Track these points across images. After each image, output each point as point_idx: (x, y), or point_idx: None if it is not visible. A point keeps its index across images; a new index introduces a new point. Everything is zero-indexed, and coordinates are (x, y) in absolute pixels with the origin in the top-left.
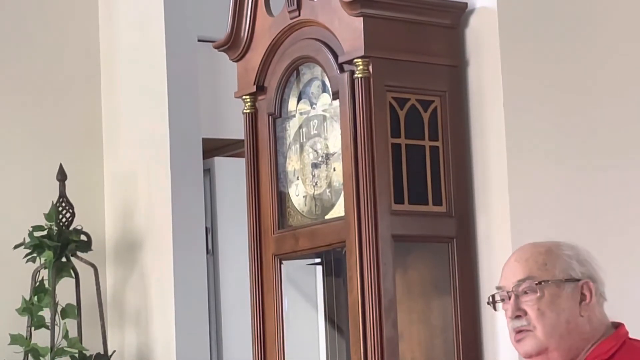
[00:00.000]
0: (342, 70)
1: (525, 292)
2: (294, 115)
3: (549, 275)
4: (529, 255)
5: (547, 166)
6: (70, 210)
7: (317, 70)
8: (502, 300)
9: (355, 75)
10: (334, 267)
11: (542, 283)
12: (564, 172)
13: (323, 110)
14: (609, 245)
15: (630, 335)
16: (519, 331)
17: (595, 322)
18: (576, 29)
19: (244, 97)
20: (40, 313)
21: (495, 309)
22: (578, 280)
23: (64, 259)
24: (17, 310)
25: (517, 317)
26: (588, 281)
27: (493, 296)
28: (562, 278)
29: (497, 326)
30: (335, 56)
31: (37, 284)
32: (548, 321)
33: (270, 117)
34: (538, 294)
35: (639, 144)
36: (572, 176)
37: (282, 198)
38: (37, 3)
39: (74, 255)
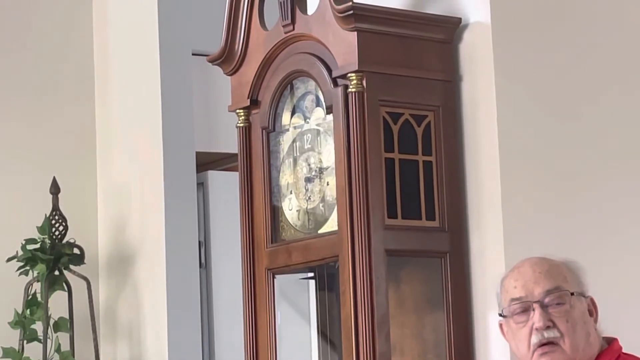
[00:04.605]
0: (335, 84)
1: (558, 304)
2: (288, 130)
3: (573, 288)
4: (548, 267)
5: (540, 181)
6: (64, 224)
7: (311, 84)
8: (523, 311)
9: (349, 90)
10: (327, 281)
11: (574, 294)
12: (557, 188)
13: (317, 125)
14: (603, 261)
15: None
16: (546, 344)
17: (595, 337)
18: (570, 44)
19: (237, 111)
20: (32, 326)
21: (502, 330)
22: (587, 295)
23: (56, 272)
24: (9, 323)
25: (548, 327)
26: (593, 297)
27: (504, 309)
28: (580, 291)
29: (489, 341)
30: (329, 70)
31: (30, 297)
32: (576, 334)
33: (263, 131)
34: (568, 306)
35: (636, 159)
36: (566, 191)
37: (275, 212)
38: (29, 18)
39: (67, 268)
